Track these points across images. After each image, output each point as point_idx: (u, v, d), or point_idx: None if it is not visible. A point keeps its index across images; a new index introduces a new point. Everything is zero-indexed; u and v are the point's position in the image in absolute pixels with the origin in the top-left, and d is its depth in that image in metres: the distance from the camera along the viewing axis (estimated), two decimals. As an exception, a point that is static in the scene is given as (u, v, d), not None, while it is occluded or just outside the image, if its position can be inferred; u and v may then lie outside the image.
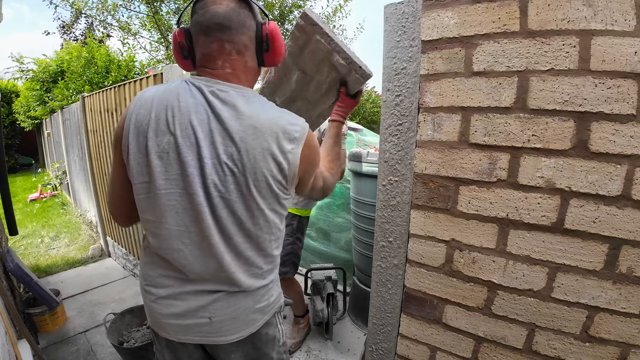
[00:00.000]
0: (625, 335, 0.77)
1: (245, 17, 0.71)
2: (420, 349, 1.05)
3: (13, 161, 9.69)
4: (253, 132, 0.68)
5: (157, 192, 0.70)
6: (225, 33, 0.70)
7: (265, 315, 0.84)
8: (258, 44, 0.74)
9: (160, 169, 0.69)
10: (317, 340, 1.99)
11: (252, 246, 0.77)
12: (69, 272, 3.05)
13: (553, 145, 0.77)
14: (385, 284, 1.10)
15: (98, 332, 2.11)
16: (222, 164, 0.68)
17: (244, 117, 0.68)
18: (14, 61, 6.41)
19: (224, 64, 0.72)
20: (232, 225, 0.72)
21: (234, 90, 0.71)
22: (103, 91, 2.84)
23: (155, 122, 0.68)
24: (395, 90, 0.98)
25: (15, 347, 1.43)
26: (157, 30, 6.05)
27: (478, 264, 0.90)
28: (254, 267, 0.78)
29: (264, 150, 0.68)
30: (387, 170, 1.03)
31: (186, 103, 0.69)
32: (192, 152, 0.68)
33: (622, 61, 0.69)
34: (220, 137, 0.68)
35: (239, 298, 0.78)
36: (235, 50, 0.72)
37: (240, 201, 0.71)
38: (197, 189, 0.69)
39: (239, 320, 0.79)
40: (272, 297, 0.85)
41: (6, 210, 1.99)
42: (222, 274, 0.75)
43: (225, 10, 0.69)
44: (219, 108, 0.68)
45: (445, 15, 0.84)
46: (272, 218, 0.76)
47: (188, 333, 0.78)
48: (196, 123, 0.68)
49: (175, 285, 0.77)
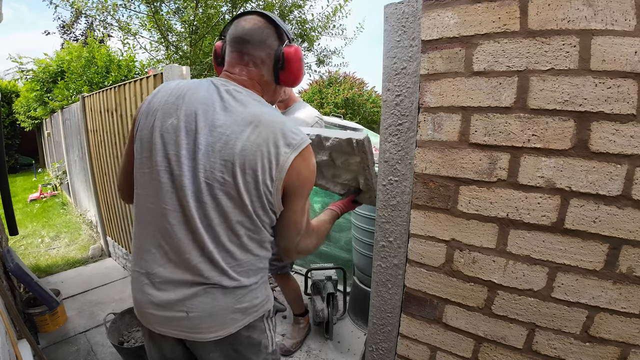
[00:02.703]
0: (625, 335, 0.77)
1: (268, 36, 0.80)
2: (421, 348, 1.05)
3: (13, 161, 9.70)
4: (253, 127, 0.73)
5: (154, 168, 0.76)
6: (245, 46, 0.79)
7: (248, 317, 0.82)
8: (275, 62, 0.81)
9: (159, 147, 0.75)
10: (317, 340, 1.99)
11: (234, 241, 0.77)
12: (69, 272, 3.05)
13: (553, 145, 0.77)
14: (386, 284, 1.10)
15: (98, 332, 2.11)
16: (216, 152, 0.72)
17: (249, 113, 0.74)
18: (13, 62, 6.41)
19: (241, 71, 0.81)
20: (215, 213, 0.75)
21: (248, 93, 0.78)
22: (103, 91, 2.84)
23: (166, 105, 0.76)
24: (395, 90, 0.98)
25: (16, 347, 1.43)
26: (157, 30, 6.05)
27: (478, 264, 0.90)
28: (234, 262, 0.78)
29: (259, 145, 0.72)
30: (387, 170, 1.03)
31: (198, 95, 0.76)
32: (190, 137, 0.73)
33: (622, 61, 0.69)
34: (221, 128, 0.73)
35: (218, 295, 0.78)
36: (252, 62, 0.80)
37: (226, 191, 0.73)
38: (186, 171, 0.73)
39: (217, 318, 0.78)
40: (257, 299, 0.83)
41: (6, 210, 1.99)
42: (203, 262, 0.76)
43: (250, 27, 0.79)
44: (229, 103, 0.75)
45: (445, 15, 0.84)
46: (256, 217, 0.77)
47: (167, 326, 0.79)
48: (200, 112, 0.74)
49: (159, 263, 0.78)
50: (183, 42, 6.41)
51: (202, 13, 5.98)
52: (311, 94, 9.82)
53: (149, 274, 0.79)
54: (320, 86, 9.85)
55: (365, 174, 1.04)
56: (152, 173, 0.76)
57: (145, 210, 0.79)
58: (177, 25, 6.37)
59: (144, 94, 2.27)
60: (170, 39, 6.31)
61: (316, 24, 7.40)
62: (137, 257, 0.82)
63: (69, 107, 4.41)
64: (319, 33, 7.50)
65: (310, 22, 7.36)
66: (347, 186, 1.14)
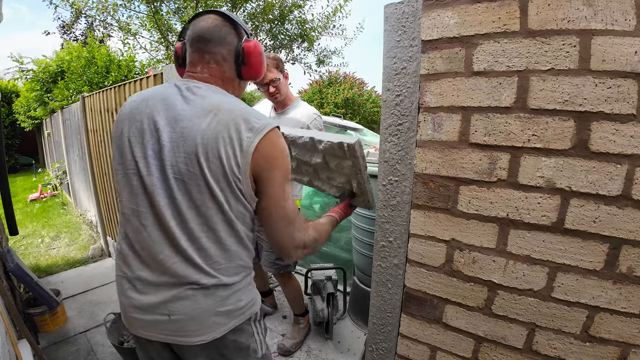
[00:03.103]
0: (625, 335, 0.77)
1: (227, 33, 0.81)
2: (421, 348, 1.05)
3: (13, 161, 9.69)
4: (213, 115, 0.73)
5: (125, 172, 0.78)
6: (206, 45, 0.80)
7: (233, 320, 0.80)
8: (236, 57, 0.83)
9: (128, 151, 0.77)
10: (317, 340, 1.99)
11: (209, 236, 0.75)
12: (69, 272, 3.05)
13: (553, 145, 0.77)
14: (386, 284, 1.10)
15: (98, 332, 2.11)
16: (180, 146, 0.73)
17: (208, 103, 0.75)
18: (13, 61, 6.41)
19: (202, 69, 0.82)
20: (188, 209, 0.74)
21: (208, 87, 0.79)
22: (103, 91, 2.84)
23: (132, 111, 0.79)
24: (395, 90, 0.98)
25: (16, 347, 1.43)
26: (157, 30, 6.05)
27: (478, 264, 0.90)
28: (211, 259, 0.76)
29: (220, 132, 0.72)
30: (387, 170, 1.03)
31: (160, 96, 0.78)
32: (154, 137, 0.75)
33: (622, 61, 0.69)
34: (182, 122, 0.74)
35: (199, 297, 0.76)
36: (213, 60, 0.81)
37: (195, 184, 0.73)
38: (154, 170, 0.74)
39: (200, 322, 0.76)
40: (241, 301, 0.81)
41: (6, 210, 1.99)
42: (178, 261, 0.75)
43: (209, 26, 0.80)
44: (189, 98, 0.76)
45: (445, 15, 0.84)
46: (228, 209, 0.75)
47: (150, 329, 0.78)
48: (162, 111, 0.76)
49: (137, 266, 0.78)
50: (183, 42, 6.40)
51: (202, 13, 5.97)
52: (311, 94, 9.82)
53: (130, 278, 0.79)
54: (320, 86, 9.85)
55: (358, 178, 1.05)
56: (125, 177, 0.78)
57: (125, 214, 0.80)
58: (177, 25, 6.37)
59: (144, 94, 2.26)
60: (170, 39, 6.31)
61: (316, 24, 7.41)
62: (119, 261, 0.82)
63: (69, 107, 4.41)
64: (319, 33, 7.50)
65: (310, 22, 7.36)
66: (342, 189, 1.15)
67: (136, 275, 0.78)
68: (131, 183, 0.77)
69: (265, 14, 6.64)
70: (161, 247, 0.75)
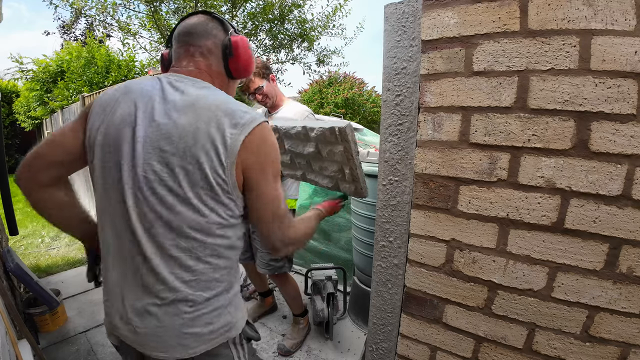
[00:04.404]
0: (625, 335, 0.77)
1: (212, 28, 0.79)
2: (421, 348, 1.05)
3: (13, 161, 9.67)
4: (192, 112, 0.67)
5: (100, 166, 0.72)
6: (192, 37, 0.78)
7: (202, 345, 0.73)
8: (223, 49, 0.79)
9: (101, 144, 0.71)
10: (318, 340, 1.99)
11: (179, 245, 0.69)
12: (70, 272, 3.05)
13: (553, 145, 0.77)
14: (386, 284, 1.10)
15: (98, 332, 2.11)
16: (153, 143, 0.67)
17: (187, 98, 0.70)
18: (13, 61, 6.41)
19: (188, 63, 0.78)
20: (156, 213, 0.68)
21: (190, 81, 0.74)
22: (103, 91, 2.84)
23: (110, 102, 0.73)
24: (395, 90, 0.98)
25: (16, 347, 1.43)
26: (157, 30, 6.05)
27: (478, 264, 0.90)
28: (178, 270, 0.70)
29: (198, 130, 0.66)
30: (387, 170, 1.03)
31: (140, 89, 0.73)
32: (130, 130, 0.69)
33: (622, 61, 0.69)
34: (159, 117, 0.68)
35: (161, 315, 0.70)
36: (198, 52, 0.78)
37: (167, 185, 0.67)
38: (125, 166, 0.68)
39: (163, 341, 0.71)
40: (211, 325, 0.73)
41: (6, 210, 1.99)
42: (145, 271, 0.70)
43: (194, 22, 0.79)
44: (168, 92, 0.71)
45: (445, 14, 0.84)
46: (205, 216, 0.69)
47: (123, 334, 0.75)
48: (140, 105, 0.70)
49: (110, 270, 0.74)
50: (183, 42, 6.41)
51: (202, 13, 5.98)
52: (311, 94, 9.81)
53: (107, 280, 0.76)
54: (320, 86, 9.85)
55: (350, 164, 1.06)
56: (101, 170, 0.72)
57: (101, 212, 0.75)
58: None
59: (144, 94, 2.26)
60: (170, 39, 6.31)
61: (316, 23, 7.41)
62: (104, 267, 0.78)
63: (69, 107, 4.41)
64: (319, 33, 7.51)
65: (310, 21, 7.37)
66: (334, 179, 1.16)
67: (114, 277, 0.74)
68: (104, 178, 0.71)
69: (265, 13, 6.65)
70: (131, 252, 0.70)
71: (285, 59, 8.34)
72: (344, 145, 1.02)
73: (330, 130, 1.01)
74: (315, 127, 1.06)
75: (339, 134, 1.00)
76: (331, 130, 1.01)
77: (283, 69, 8.73)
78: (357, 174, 1.07)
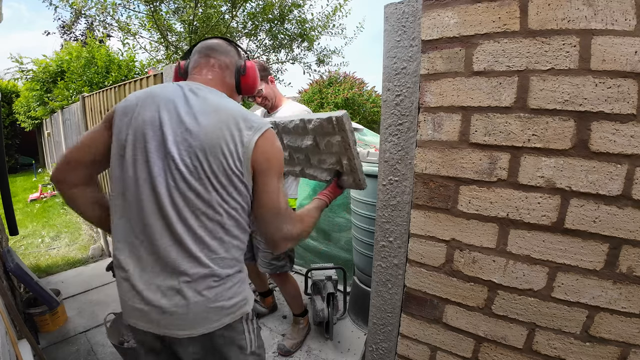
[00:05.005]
0: (625, 335, 0.77)
1: (231, 50, 0.96)
2: (421, 348, 1.05)
3: (13, 161, 9.69)
4: (214, 114, 0.79)
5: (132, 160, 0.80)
6: (214, 52, 0.93)
7: (223, 318, 0.82)
8: (237, 67, 0.95)
9: (131, 143, 0.80)
10: (318, 340, 1.99)
11: (206, 227, 0.79)
12: (70, 272, 3.05)
13: (553, 145, 0.77)
14: (386, 284, 1.10)
15: (98, 332, 2.11)
16: (184, 141, 0.78)
17: (209, 103, 0.82)
18: (13, 61, 6.41)
19: (207, 72, 0.91)
20: (187, 200, 0.78)
21: (208, 89, 0.86)
22: (103, 91, 2.84)
23: (137, 106, 0.82)
24: (395, 90, 0.98)
25: (16, 347, 1.43)
26: (157, 30, 6.05)
27: (478, 264, 0.90)
28: (207, 249, 0.79)
29: (221, 129, 0.78)
30: (388, 170, 1.03)
31: (163, 94, 0.83)
32: (156, 130, 0.79)
33: (622, 61, 0.69)
34: (186, 119, 0.79)
35: (190, 293, 0.78)
36: (217, 65, 0.92)
37: (196, 177, 0.77)
38: (156, 159, 0.78)
39: (191, 318, 0.79)
40: (232, 300, 0.83)
41: (6, 210, 1.99)
42: (174, 250, 0.78)
43: (217, 41, 0.95)
44: (190, 97, 0.82)
45: (445, 14, 0.84)
46: (226, 203, 0.79)
47: (142, 319, 0.81)
48: (166, 107, 0.80)
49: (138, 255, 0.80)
50: (183, 41, 6.42)
51: (201, 13, 5.99)
52: (311, 94, 9.80)
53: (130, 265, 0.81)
54: (320, 86, 9.84)
55: (347, 154, 1.06)
56: (132, 165, 0.80)
57: (123, 203, 0.82)
58: (176, 25, 6.37)
59: (144, 94, 2.27)
60: (170, 38, 6.31)
61: (316, 23, 7.41)
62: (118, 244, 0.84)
63: (69, 107, 4.41)
64: (319, 32, 7.50)
65: (310, 21, 7.36)
66: (332, 171, 1.16)
67: (137, 261, 0.80)
68: (135, 173, 0.79)
69: (265, 13, 6.65)
70: (161, 234, 0.79)
71: (285, 58, 8.34)
72: (341, 135, 1.02)
73: (328, 120, 1.02)
74: (312, 119, 1.08)
75: (336, 123, 1.01)
76: (328, 120, 1.02)
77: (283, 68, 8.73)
78: (354, 165, 1.07)
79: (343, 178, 1.14)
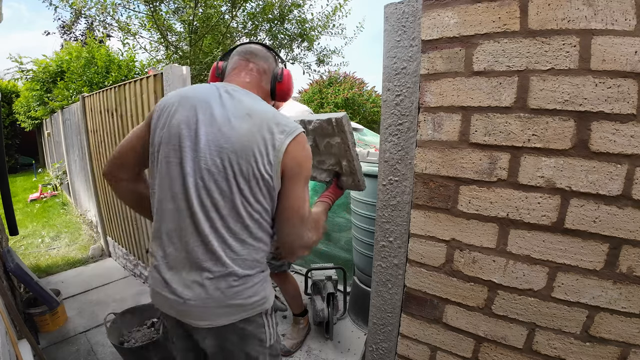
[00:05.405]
0: (625, 335, 0.77)
1: (270, 56, 0.98)
2: (421, 348, 1.05)
3: (13, 161, 9.69)
4: (248, 117, 0.80)
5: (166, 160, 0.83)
6: (253, 56, 0.95)
7: (242, 313, 0.85)
8: (274, 74, 0.97)
9: (166, 141, 0.82)
10: (318, 340, 1.99)
11: (230, 228, 0.81)
12: (70, 272, 3.05)
13: (553, 144, 0.77)
14: (386, 284, 1.10)
15: (98, 332, 2.11)
16: (216, 142, 0.79)
17: (243, 106, 0.82)
18: (13, 62, 6.40)
19: (245, 75, 0.93)
20: (214, 200, 0.80)
21: (244, 92, 0.87)
22: (103, 91, 2.84)
23: (173, 105, 0.84)
24: (395, 90, 0.98)
25: (16, 347, 1.43)
26: (157, 30, 6.05)
27: (478, 264, 0.90)
28: (229, 250, 0.81)
29: (254, 133, 0.78)
30: (388, 170, 1.03)
31: (199, 94, 0.85)
32: (191, 130, 0.81)
33: (622, 61, 0.69)
34: (220, 121, 0.80)
35: (211, 288, 0.81)
36: (256, 69, 0.94)
37: (224, 178, 0.79)
38: (188, 160, 0.80)
39: (210, 311, 0.82)
40: (252, 298, 0.85)
41: (6, 210, 1.99)
42: (199, 247, 0.80)
43: (257, 47, 0.98)
44: (225, 99, 0.83)
45: (445, 14, 0.84)
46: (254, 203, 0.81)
47: (165, 305, 0.86)
48: (200, 107, 0.82)
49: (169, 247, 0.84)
50: (183, 42, 6.41)
51: (201, 13, 5.98)
52: (311, 94, 9.81)
53: (162, 255, 0.85)
54: (320, 86, 9.84)
55: (347, 155, 1.06)
56: (165, 164, 0.83)
57: (161, 199, 0.86)
58: (176, 25, 6.37)
59: (144, 94, 2.27)
60: (170, 38, 6.31)
61: (316, 23, 7.40)
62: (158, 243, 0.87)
63: (69, 107, 4.41)
64: (318, 32, 7.49)
65: (310, 21, 7.36)
66: (332, 172, 1.16)
67: (167, 252, 0.84)
68: (169, 170, 0.82)
69: (265, 13, 6.64)
70: (188, 231, 0.81)
71: (285, 58, 8.33)
72: (341, 137, 1.03)
73: (327, 121, 1.02)
74: (312, 120, 1.08)
75: (336, 125, 1.01)
76: (328, 121, 1.02)
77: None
78: (354, 166, 1.08)
79: (342, 179, 1.14)
